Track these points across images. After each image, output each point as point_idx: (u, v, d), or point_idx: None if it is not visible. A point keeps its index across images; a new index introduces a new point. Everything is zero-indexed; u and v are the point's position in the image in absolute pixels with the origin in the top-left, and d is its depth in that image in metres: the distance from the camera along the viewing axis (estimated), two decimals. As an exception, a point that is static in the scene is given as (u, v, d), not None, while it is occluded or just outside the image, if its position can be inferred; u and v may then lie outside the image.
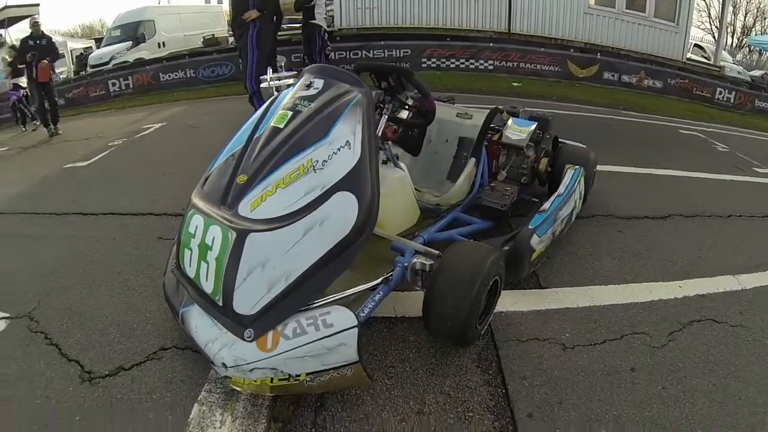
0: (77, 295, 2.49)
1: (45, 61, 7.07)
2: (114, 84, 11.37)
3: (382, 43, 9.52)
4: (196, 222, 1.72)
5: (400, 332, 2.03)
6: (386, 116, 2.37)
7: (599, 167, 3.54)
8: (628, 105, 8.10)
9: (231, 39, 10.79)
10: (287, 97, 1.92)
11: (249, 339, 1.43)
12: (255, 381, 1.43)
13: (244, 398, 1.64)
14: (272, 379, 1.40)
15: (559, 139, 3.12)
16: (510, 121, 2.84)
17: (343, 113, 1.73)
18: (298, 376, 1.39)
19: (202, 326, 1.61)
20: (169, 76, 11.00)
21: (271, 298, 1.44)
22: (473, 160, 2.73)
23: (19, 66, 7.84)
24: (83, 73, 12.68)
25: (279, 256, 1.46)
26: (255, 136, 1.84)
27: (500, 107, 2.96)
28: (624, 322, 2.12)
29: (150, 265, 2.63)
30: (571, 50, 9.34)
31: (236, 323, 1.49)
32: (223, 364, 1.48)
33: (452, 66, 9.59)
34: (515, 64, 9.44)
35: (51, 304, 2.44)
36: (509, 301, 2.22)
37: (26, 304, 2.45)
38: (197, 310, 1.66)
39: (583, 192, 2.75)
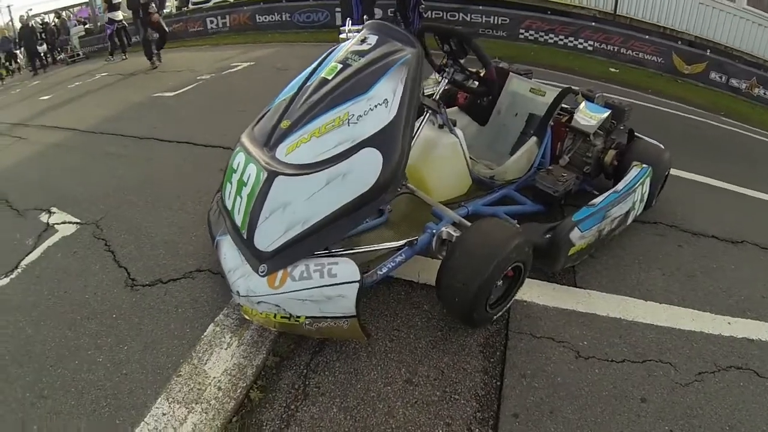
0: (139, 212, 2.75)
1: (156, 15, 7.82)
2: (212, 21, 12.02)
3: (481, 7, 9.03)
4: (239, 159, 1.81)
5: (416, 298, 2.00)
6: (446, 80, 2.30)
7: (677, 172, 3.19)
8: (729, 112, 6.99)
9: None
10: (342, 50, 1.93)
11: (262, 273, 1.51)
12: (261, 313, 1.51)
13: (253, 327, 1.74)
14: (275, 315, 1.47)
15: (636, 134, 2.84)
16: (582, 105, 2.61)
17: (388, 71, 1.69)
18: (299, 317, 1.45)
19: (229, 255, 1.71)
20: (265, 18, 11.29)
21: (287, 239, 1.49)
22: (535, 138, 2.59)
23: (128, 9, 8.50)
24: (185, 9, 13.41)
25: (300, 201, 1.50)
26: (306, 85, 1.87)
27: (575, 88, 2.73)
28: (652, 346, 1.87)
29: (207, 193, 2.78)
30: (679, 42, 8.23)
31: (254, 257, 1.57)
32: (238, 292, 1.58)
33: (550, 41, 8.90)
34: (616, 48, 8.54)
35: (116, 216, 2.72)
36: (536, 292, 2.09)
37: (96, 214, 2.76)
38: (228, 240, 1.77)
39: (646, 194, 2.49)
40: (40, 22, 12.72)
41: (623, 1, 8.50)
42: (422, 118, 2.21)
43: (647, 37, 8.39)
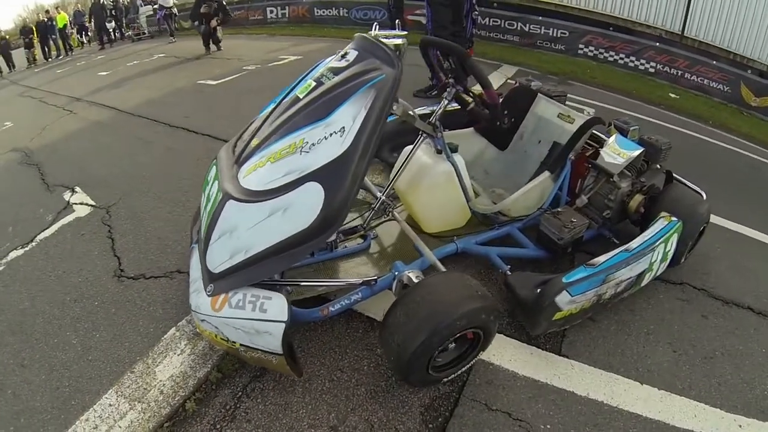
0: (146, 202, 2.93)
1: (219, 28, 8.55)
2: (272, 11, 12.41)
3: (540, 18, 8.70)
4: (212, 173, 1.85)
5: (372, 339, 1.86)
6: (446, 101, 2.13)
7: (723, 222, 2.88)
8: (799, 155, 6.44)
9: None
10: (322, 66, 1.83)
11: (209, 293, 1.53)
12: (205, 331, 1.60)
13: (207, 339, 1.85)
14: (216, 335, 1.55)
15: (675, 176, 2.47)
16: (612, 139, 2.32)
17: (354, 94, 1.54)
18: (234, 342, 1.50)
19: (195, 265, 1.76)
20: (323, 12, 11.49)
21: (231, 264, 1.50)
22: (547, 173, 2.29)
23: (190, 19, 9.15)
24: None
25: (245, 228, 1.48)
26: (283, 101, 1.81)
27: (603, 119, 2.43)
28: (632, 444, 1.56)
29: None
30: (749, 71, 7.51)
31: (207, 275, 1.59)
32: (191, 303, 1.63)
33: (610, 59, 8.40)
34: (679, 72, 7.96)
35: (126, 204, 2.92)
36: (509, 355, 1.83)
37: (110, 199, 2.98)
38: (197, 250, 1.82)
39: (671, 252, 2.14)
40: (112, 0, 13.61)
41: (692, 21, 7.85)
42: (417, 140, 2.10)
43: (714, 62, 7.75)
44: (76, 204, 2.96)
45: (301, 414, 1.56)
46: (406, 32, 3.38)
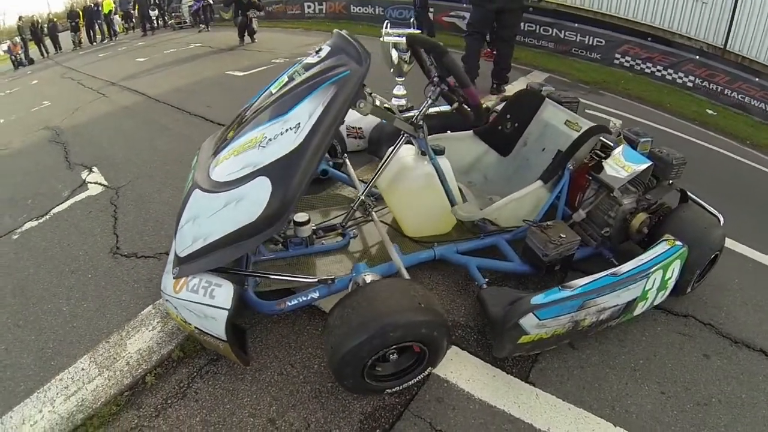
0: (152, 186, 3.11)
1: (254, 20, 8.76)
2: (309, 6, 12.63)
3: (576, 25, 8.50)
4: (194, 161, 1.96)
5: None
6: (430, 100, 2.02)
7: (746, 250, 2.62)
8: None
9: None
10: (299, 63, 1.81)
11: (174, 275, 1.62)
12: (169, 310, 1.71)
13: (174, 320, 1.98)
14: (177, 316, 1.66)
15: (689, 195, 2.27)
16: (619, 150, 2.12)
17: (314, 91, 1.55)
18: (190, 324, 1.57)
19: (173, 247, 1.82)
20: (360, 9, 11.58)
21: (192, 249, 1.58)
22: (540, 183, 2.13)
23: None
24: None
25: (205, 217, 1.56)
26: (261, 96, 1.87)
27: (608, 126, 2.25)
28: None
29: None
30: None
31: (176, 258, 1.68)
32: (160, 282, 1.73)
33: (646, 70, 8.06)
34: (719, 88, 7.56)
35: (134, 187, 3.12)
36: (468, 373, 1.72)
37: (121, 180, 3.19)
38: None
39: (673, 281, 1.94)
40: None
41: (736, 35, 7.44)
42: (399, 140, 2.05)
43: (757, 79, 7.29)
44: (90, 183, 3.19)
45: (244, 402, 1.61)
46: (419, 31, 3.29)
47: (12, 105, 5.74)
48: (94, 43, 13.43)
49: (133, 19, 15.15)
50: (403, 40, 3.19)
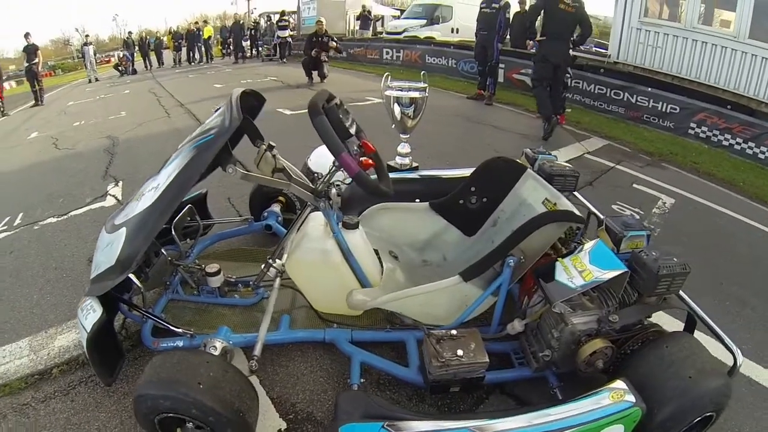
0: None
1: (325, 60, 9.43)
2: (388, 53, 13.27)
3: (649, 90, 7.65)
4: None
5: None
6: (334, 166, 1.75)
7: None
8: None
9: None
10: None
11: (84, 293, 1.80)
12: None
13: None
14: (80, 325, 1.95)
15: (704, 321, 1.69)
16: (589, 246, 1.68)
17: (182, 153, 1.67)
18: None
19: None
20: (434, 60, 11.83)
21: (93, 275, 1.80)
22: (457, 278, 1.76)
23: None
24: (363, 33, 15.81)
25: (100, 250, 1.82)
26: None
27: (578, 215, 1.77)
28: None
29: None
30: None
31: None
32: None
33: (724, 143, 7.01)
34: (807, 169, 6.09)
35: (135, 181, 3.64)
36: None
37: (127, 175, 3.79)
38: None
39: None
40: (253, 22, 16.18)
41: None
42: (304, 209, 1.93)
43: None
44: (110, 195, 3.85)
45: (101, 416, 1.79)
46: (425, 85, 3.11)
47: (97, 110, 6.76)
48: (192, 63, 15.53)
49: (229, 48, 17.18)
50: (407, 94, 3.07)
